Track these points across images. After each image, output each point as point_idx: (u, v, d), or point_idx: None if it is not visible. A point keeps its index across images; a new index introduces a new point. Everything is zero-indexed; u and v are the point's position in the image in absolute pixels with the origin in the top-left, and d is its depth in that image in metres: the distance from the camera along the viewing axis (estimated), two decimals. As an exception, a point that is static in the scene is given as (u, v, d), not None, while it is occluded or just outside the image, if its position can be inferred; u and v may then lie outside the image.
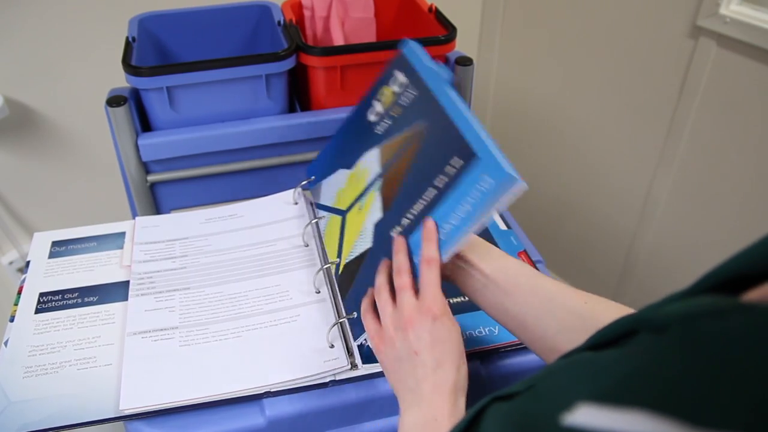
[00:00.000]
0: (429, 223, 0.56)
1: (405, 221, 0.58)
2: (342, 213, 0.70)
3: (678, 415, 0.20)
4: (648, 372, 0.23)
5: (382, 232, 0.61)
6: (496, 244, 0.80)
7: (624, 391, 0.23)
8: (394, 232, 0.59)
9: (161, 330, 0.67)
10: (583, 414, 0.23)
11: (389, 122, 0.67)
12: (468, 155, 0.54)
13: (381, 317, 0.55)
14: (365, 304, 0.59)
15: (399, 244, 0.58)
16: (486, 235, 0.82)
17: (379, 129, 0.68)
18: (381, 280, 0.57)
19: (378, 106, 0.69)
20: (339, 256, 0.68)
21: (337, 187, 0.72)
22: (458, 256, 0.57)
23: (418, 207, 0.58)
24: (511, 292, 0.54)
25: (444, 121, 0.58)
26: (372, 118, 0.69)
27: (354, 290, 0.64)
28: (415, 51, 0.67)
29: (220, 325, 0.67)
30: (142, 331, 0.67)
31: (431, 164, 0.58)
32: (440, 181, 0.56)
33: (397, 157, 0.63)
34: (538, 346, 0.54)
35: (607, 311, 0.51)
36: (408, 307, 0.53)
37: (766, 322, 0.21)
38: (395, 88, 0.67)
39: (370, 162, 0.67)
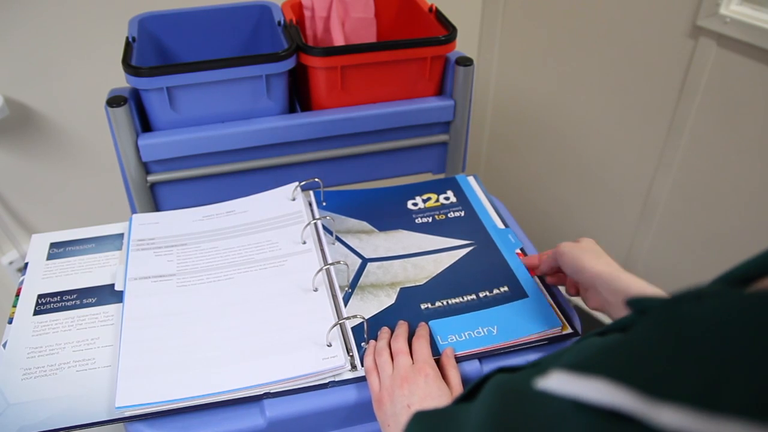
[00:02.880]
0: (423, 324, 0.68)
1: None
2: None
3: (633, 384, 0.21)
4: (618, 346, 0.24)
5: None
6: (493, 243, 0.80)
7: (592, 361, 0.24)
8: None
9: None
10: (553, 379, 0.25)
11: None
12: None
13: (381, 376, 0.61)
14: (370, 362, 0.64)
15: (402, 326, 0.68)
16: (484, 234, 0.81)
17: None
18: (382, 344, 0.65)
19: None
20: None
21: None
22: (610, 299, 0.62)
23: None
24: None
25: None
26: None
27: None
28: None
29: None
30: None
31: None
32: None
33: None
34: None
35: None
36: (404, 367, 0.61)
37: (735, 304, 0.21)
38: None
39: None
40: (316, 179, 0.85)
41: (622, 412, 0.21)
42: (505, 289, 0.73)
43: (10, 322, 0.69)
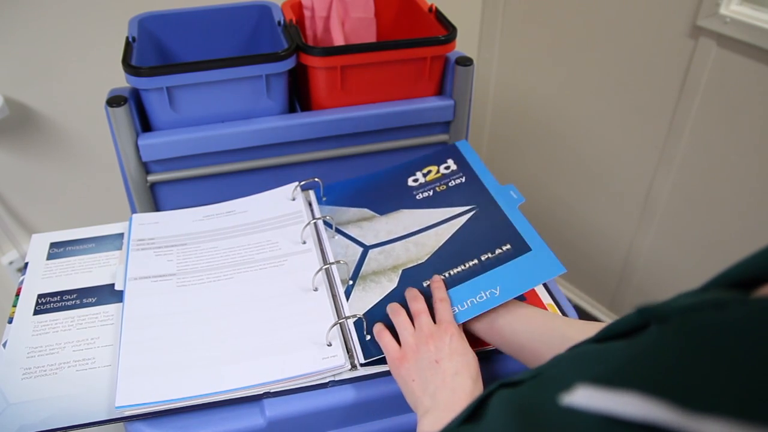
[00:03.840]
0: (437, 278, 0.68)
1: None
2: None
3: (670, 398, 0.21)
4: (645, 357, 0.23)
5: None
6: (494, 202, 0.76)
7: (621, 374, 0.23)
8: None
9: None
10: (580, 395, 0.24)
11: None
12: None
13: (401, 336, 0.62)
14: (379, 326, 0.64)
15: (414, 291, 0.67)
16: (485, 195, 0.78)
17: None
18: (396, 306, 0.65)
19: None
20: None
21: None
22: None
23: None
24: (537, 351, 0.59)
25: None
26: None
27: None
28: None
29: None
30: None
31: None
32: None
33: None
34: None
35: None
36: (427, 326, 0.61)
37: (762, 312, 0.21)
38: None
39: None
40: (316, 179, 0.85)
41: (660, 426, 0.20)
42: (508, 247, 0.70)
43: (10, 322, 0.69)
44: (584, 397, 0.24)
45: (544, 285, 0.74)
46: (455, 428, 0.33)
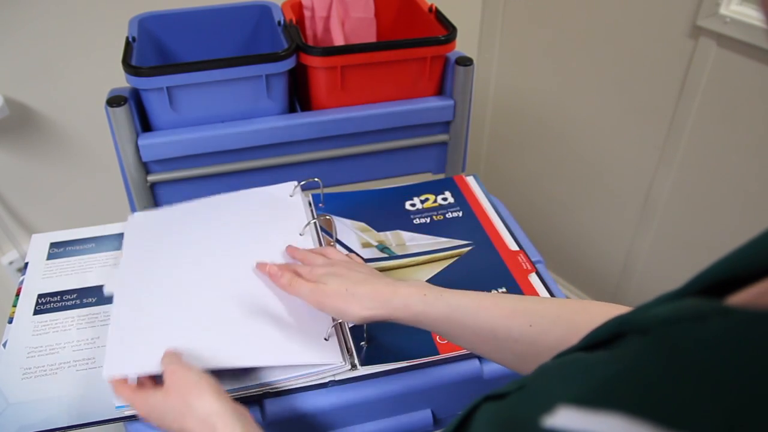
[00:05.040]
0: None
1: None
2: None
3: (654, 418, 0.20)
4: (627, 375, 0.23)
5: None
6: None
7: (602, 394, 0.23)
8: None
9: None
10: (562, 416, 0.24)
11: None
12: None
13: None
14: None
15: None
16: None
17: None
18: None
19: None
20: None
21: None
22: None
23: None
24: (457, 336, 0.55)
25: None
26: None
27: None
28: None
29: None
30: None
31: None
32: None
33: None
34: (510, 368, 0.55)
35: (555, 325, 0.50)
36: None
37: (743, 327, 0.21)
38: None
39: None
40: (316, 179, 0.85)
41: None
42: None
43: (10, 322, 0.70)
44: (566, 420, 0.23)
45: (544, 285, 0.74)
46: None
